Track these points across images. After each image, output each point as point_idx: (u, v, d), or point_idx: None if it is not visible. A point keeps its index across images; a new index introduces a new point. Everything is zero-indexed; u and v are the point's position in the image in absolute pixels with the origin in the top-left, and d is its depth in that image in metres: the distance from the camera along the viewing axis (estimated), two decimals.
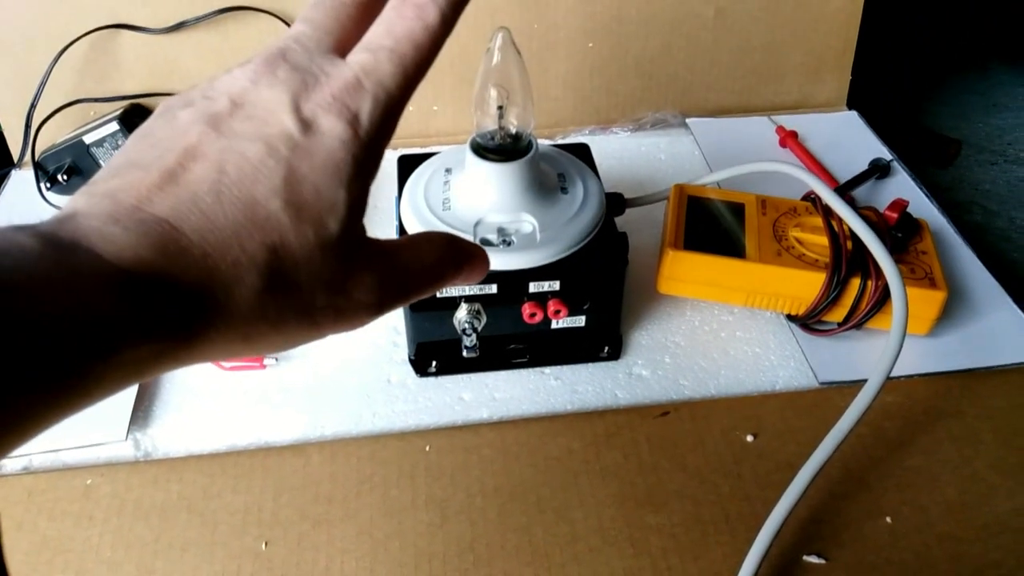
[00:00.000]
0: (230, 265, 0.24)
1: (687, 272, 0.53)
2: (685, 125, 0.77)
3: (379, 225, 0.64)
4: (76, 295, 0.21)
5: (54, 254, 0.21)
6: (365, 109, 0.25)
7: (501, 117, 0.48)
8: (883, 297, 0.50)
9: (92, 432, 0.48)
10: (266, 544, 0.43)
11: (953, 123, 0.95)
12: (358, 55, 0.26)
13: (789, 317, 0.55)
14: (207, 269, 0.23)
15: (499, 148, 0.49)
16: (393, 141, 0.78)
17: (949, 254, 0.61)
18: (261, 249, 0.24)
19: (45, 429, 0.21)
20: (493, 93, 0.48)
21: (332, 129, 0.25)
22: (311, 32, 0.27)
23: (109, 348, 0.21)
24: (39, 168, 0.67)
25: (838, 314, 0.52)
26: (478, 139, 0.49)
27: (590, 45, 0.73)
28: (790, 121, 0.76)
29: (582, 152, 0.56)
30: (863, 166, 0.70)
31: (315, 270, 0.25)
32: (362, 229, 0.27)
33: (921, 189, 0.69)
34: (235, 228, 0.24)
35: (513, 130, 0.49)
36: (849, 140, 0.76)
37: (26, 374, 0.19)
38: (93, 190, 0.24)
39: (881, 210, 0.56)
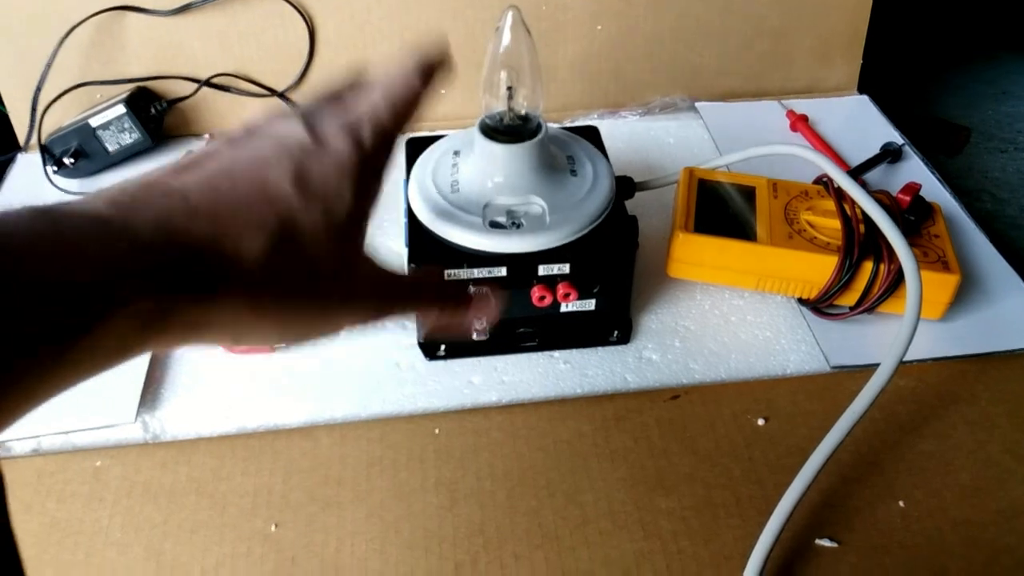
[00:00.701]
0: (240, 226, 0.25)
1: (697, 255, 0.53)
2: (694, 109, 0.76)
3: (387, 208, 0.63)
4: (75, 252, 0.21)
5: (53, 218, 0.22)
6: (367, 134, 0.29)
7: (510, 98, 0.48)
8: (895, 281, 0.49)
9: (101, 414, 0.48)
10: (276, 526, 0.43)
11: (962, 111, 0.94)
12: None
13: (800, 301, 0.54)
14: (216, 229, 0.24)
15: (508, 130, 0.48)
16: None
17: (961, 238, 0.61)
18: (271, 217, 0.26)
19: (60, 388, 0.21)
20: (502, 74, 0.47)
21: (339, 144, 0.28)
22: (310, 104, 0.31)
23: (114, 299, 0.21)
24: (45, 151, 0.66)
25: (850, 298, 0.51)
26: (487, 121, 0.49)
27: (599, 28, 0.72)
28: (800, 105, 0.76)
29: (591, 135, 0.56)
30: (874, 151, 0.70)
31: (322, 250, 0.27)
32: (367, 246, 0.29)
33: (933, 173, 0.68)
34: (246, 199, 0.25)
35: (522, 111, 0.48)
36: (860, 124, 0.75)
37: (33, 330, 0.20)
38: (102, 188, 0.25)
39: (893, 194, 0.55)
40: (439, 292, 0.32)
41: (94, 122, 0.66)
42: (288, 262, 0.26)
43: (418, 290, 0.32)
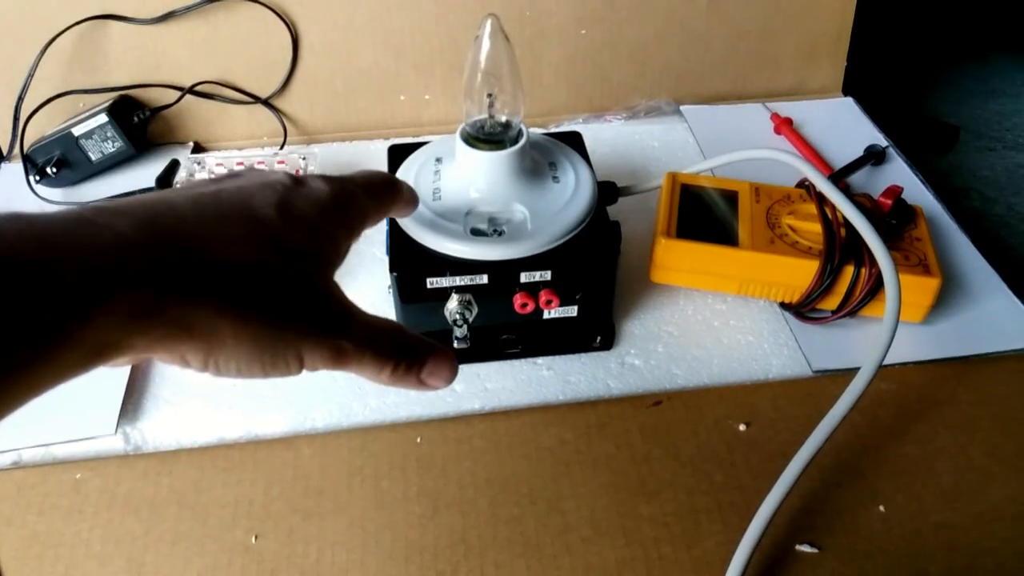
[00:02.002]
0: (227, 236, 0.26)
1: (680, 261, 0.53)
2: (679, 112, 0.76)
3: None
4: (55, 245, 0.21)
5: (28, 218, 0.22)
6: (348, 189, 0.32)
7: (491, 105, 0.48)
8: (877, 285, 0.50)
9: (82, 426, 0.48)
10: (256, 537, 0.43)
11: (951, 109, 0.94)
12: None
13: (782, 305, 0.54)
14: (204, 233, 0.25)
15: (489, 137, 0.48)
16: (384, 131, 0.78)
17: (945, 241, 0.61)
18: (256, 233, 0.27)
19: (37, 391, 0.21)
20: (482, 81, 0.47)
21: (321, 186, 0.31)
22: None
23: (96, 294, 0.21)
24: (28, 161, 0.66)
25: (832, 302, 0.51)
26: (468, 128, 0.49)
27: (583, 32, 0.72)
28: (785, 108, 0.76)
29: (574, 140, 0.56)
30: (859, 153, 0.70)
31: (301, 273, 0.28)
32: (334, 283, 0.30)
33: (917, 175, 0.68)
34: (232, 216, 0.27)
35: (503, 119, 0.48)
36: (845, 127, 0.75)
37: (8, 329, 0.19)
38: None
39: (875, 197, 0.55)
40: (399, 346, 0.31)
41: (77, 131, 0.66)
42: (270, 278, 0.26)
43: (379, 338, 0.30)
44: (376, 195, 0.35)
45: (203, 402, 0.50)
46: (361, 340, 0.29)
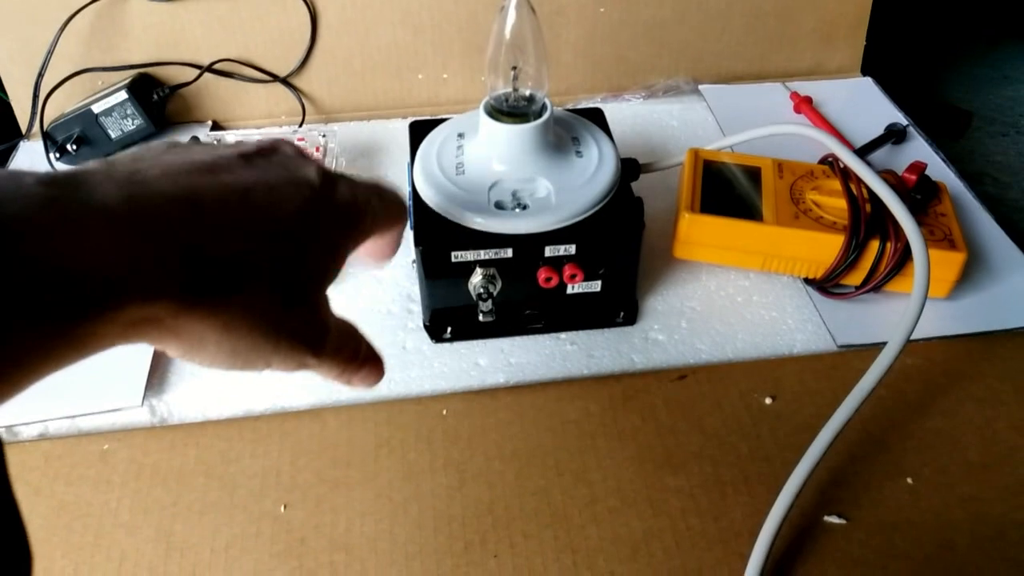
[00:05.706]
0: (248, 257, 0.25)
1: (703, 236, 0.53)
2: (698, 92, 0.76)
3: None
4: (92, 245, 0.21)
5: (66, 209, 0.21)
6: (371, 205, 0.32)
7: (515, 78, 0.48)
8: (902, 259, 0.49)
9: (108, 398, 0.48)
10: (285, 507, 0.43)
11: (964, 95, 0.94)
12: None
13: (806, 281, 0.54)
14: (226, 251, 0.25)
15: (513, 110, 0.48)
16: (403, 110, 0.78)
17: (967, 218, 0.61)
18: (272, 250, 0.26)
19: (43, 374, 0.21)
20: (507, 53, 0.47)
21: (346, 195, 0.30)
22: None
23: (124, 293, 0.22)
24: (48, 138, 0.66)
25: (856, 277, 0.51)
26: (492, 102, 0.49)
27: (601, 10, 0.72)
28: (804, 87, 0.75)
29: (596, 117, 0.56)
30: (879, 132, 0.69)
31: (300, 289, 0.28)
32: (324, 296, 0.30)
33: (937, 154, 0.68)
34: (258, 233, 0.26)
35: (527, 92, 0.48)
36: (864, 106, 0.75)
37: (37, 315, 0.19)
38: (119, 162, 0.25)
39: (899, 174, 0.55)
40: (356, 351, 0.32)
41: (96, 108, 0.66)
42: (272, 296, 0.26)
43: (342, 347, 0.31)
44: (387, 218, 0.33)
45: (228, 375, 0.50)
46: (327, 353, 0.30)
